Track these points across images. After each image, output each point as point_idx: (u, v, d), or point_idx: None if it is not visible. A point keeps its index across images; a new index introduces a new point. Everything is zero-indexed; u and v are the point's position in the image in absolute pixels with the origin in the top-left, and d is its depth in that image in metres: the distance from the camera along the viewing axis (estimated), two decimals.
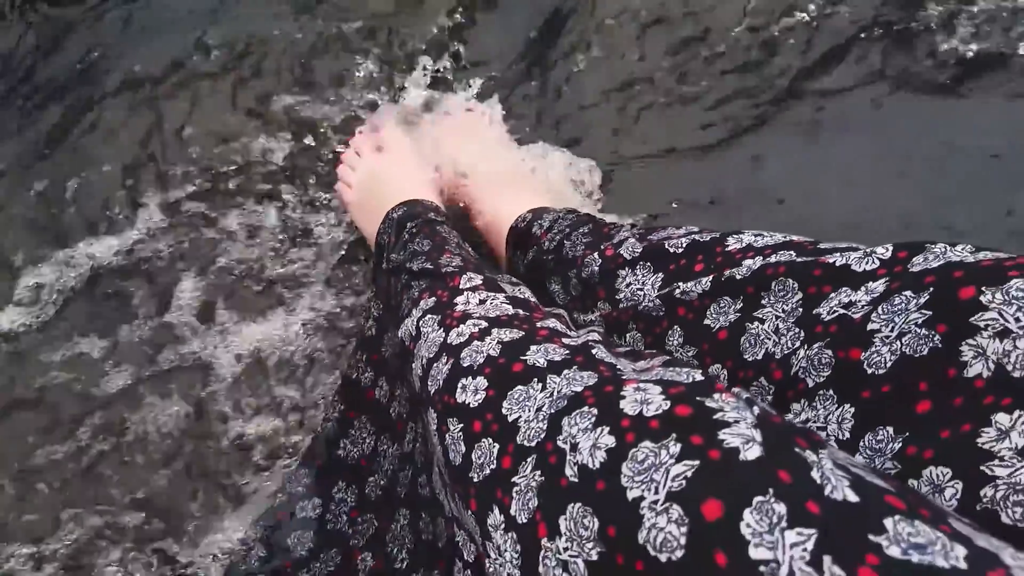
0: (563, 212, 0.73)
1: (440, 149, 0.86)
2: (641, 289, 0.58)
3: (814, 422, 0.40)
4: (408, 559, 0.61)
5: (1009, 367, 0.32)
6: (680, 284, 0.53)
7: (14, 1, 1.02)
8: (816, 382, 0.40)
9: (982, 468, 0.32)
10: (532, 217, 0.74)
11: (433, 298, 0.57)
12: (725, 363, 0.48)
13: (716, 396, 0.32)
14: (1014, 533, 0.30)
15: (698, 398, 0.32)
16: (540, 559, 0.33)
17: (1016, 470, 0.31)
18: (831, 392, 0.40)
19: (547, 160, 0.88)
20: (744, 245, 0.52)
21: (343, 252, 0.88)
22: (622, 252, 0.61)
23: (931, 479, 0.34)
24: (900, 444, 0.35)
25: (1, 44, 1.02)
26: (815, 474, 0.27)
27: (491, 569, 0.37)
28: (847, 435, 0.38)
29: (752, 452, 0.29)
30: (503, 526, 0.36)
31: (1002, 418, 0.32)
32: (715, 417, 0.31)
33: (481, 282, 0.57)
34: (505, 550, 0.35)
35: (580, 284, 0.65)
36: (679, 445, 0.30)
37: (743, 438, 0.29)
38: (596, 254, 0.63)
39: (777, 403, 0.43)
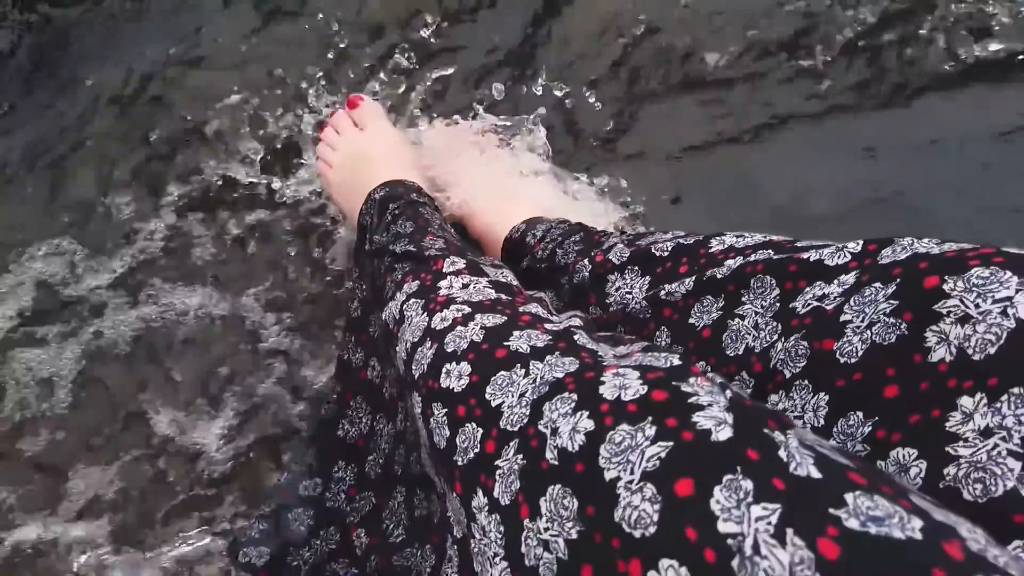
0: (556, 222, 0.75)
1: (437, 161, 0.87)
2: (629, 292, 0.59)
3: (791, 411, 0.41)
4: (404, 535, 0.61)
5: (970, 351, 0.33)
6: (665, 286, 0.54)
7: (14, 1, 1.03)
8: (792, 373, 0.41)
9: (947, 449, 0.33)
10: (526, 227, 0.76)
11: (416, 282, 0.57)
12: (709, 360, 0.49)
13: (691, 380, 0.34)
14: (974, 509, 0.31)
15: (674, 383, 0.34)
16: (523, 539, 0.34)
17: (978, 449, 0.32)
18: (806, 382, 0.41)
19: (562, 183, 0.88)
20: (726, 246, 0.54)
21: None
22: (611, 258, 0.62)
23: (897, 459, 0.35)
24: (870, 428, 0.37)
25: (1, 44, 1.02)
26: (782, 453, 0.28)
27: (476, 549, 0.38)
28: (822, 422, 0.39)
29: (723, 433, 0.30)
30: (487, 508, 0.37)
31: (966, 401, 0.33)
32: (690, 401, 0.32)
33: (464, 266, 0.58)
34: (489, 531, 0.36)
35: (572, 290, 0.66)
36: (654, 428, 0.31)
37: (715, 420, 0.30)
38: (587, 260, 0.64)
39: (757, 395, 0.44)
